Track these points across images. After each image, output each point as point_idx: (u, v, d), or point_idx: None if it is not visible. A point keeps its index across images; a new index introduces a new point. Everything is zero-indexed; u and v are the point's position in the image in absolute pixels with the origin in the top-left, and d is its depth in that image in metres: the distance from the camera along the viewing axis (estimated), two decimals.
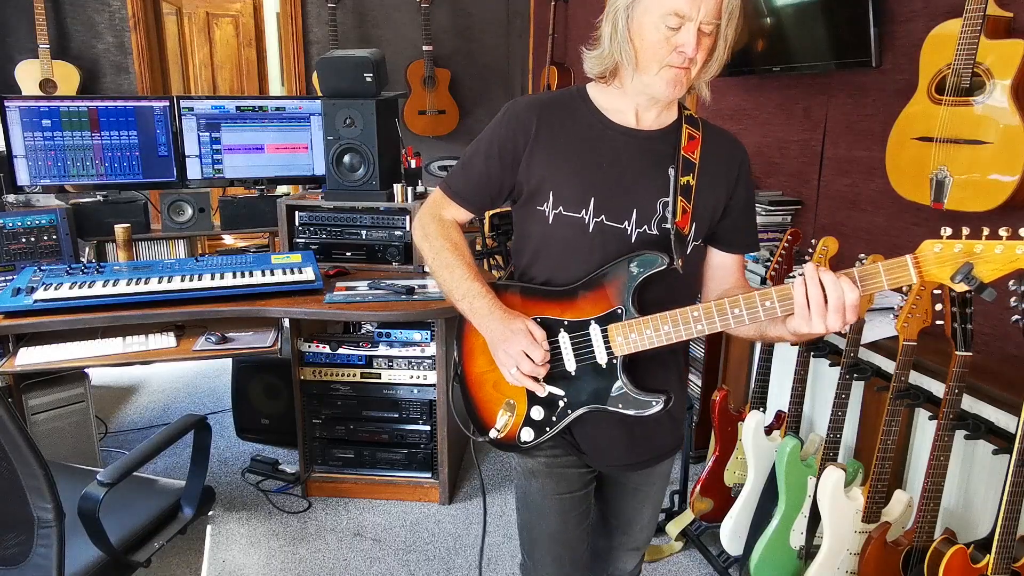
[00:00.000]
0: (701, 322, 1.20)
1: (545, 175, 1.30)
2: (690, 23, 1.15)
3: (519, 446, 1.37)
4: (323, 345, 2.59)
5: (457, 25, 5.17)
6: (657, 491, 1.54)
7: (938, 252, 1.01)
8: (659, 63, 1.19)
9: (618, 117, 1.31)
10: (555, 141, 1.31)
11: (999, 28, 1.76)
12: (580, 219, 1.29)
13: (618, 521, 1.56)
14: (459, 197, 1.41)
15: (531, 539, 1.50)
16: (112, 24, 4.57)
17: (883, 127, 2.08)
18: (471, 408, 1.44)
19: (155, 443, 1.65)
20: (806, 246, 2.07)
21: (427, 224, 1.43)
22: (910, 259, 1.04)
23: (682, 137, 1.31)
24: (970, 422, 1.67)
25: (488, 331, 1.32)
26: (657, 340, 1.23)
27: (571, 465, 1.42)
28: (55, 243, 2.75)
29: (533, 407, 1.34)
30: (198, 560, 2.38)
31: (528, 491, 1.46)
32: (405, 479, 2.71)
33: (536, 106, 1.33)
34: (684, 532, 2.47)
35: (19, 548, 1.44)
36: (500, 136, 1.33)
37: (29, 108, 2.81)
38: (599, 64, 1.28)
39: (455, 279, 1.36)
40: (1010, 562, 1.51)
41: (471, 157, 1.38)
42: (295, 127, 3.08)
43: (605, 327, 1.26)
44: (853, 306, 1.08)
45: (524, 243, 1.39)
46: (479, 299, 1.32)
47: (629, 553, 1.60)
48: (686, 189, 1.29)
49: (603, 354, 1.27)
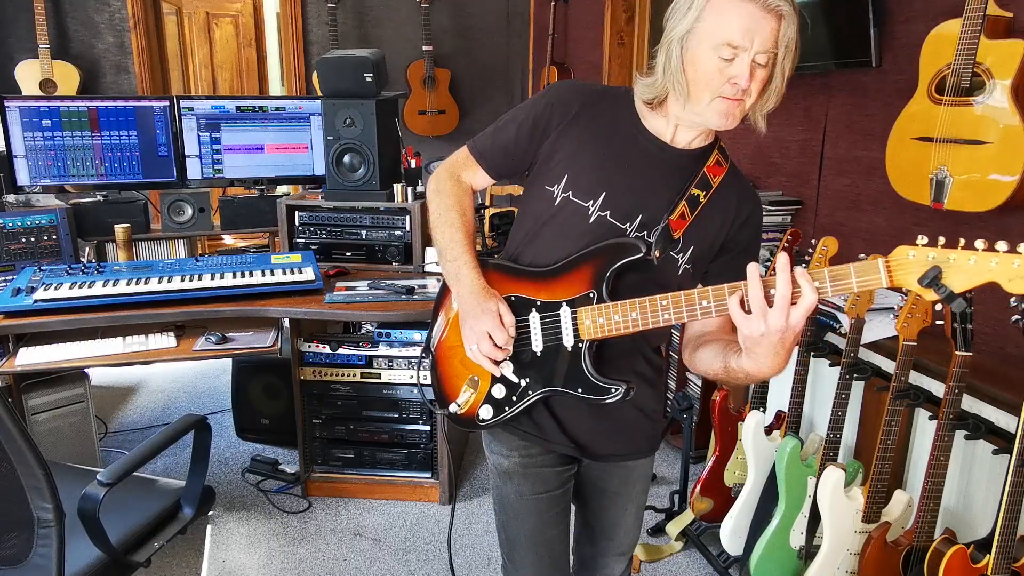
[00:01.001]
0: (668, 311, 1.18)
1: (566, 157, 1.32)
2: (744, 53, 1.13)
3: (477, 424, 1.38)
4: (323, 345, 2.59)
5: (457, 25, 5.16)
6: (638, 493, 1.54)
7: (912, 259, 1.00)
8: (711, 94, 1.18)
9: (655, 129, 1.32)
10: (588, 130, 1.32)
11: (999, 28, 1.76)
12: (585, 208, 1.29)
13: (601, 526, 1.55)
14: (482, 158, 1.42)
15: (509, 540, 1.50)
16: (112, 24, 4.57)
17: (883, 127, 2.08)
18: (436, 380, 1.46)
19: (155, 443, 1.65)
20: (806, 246, 2.08)
21: (443, 180, 1.44)
22: (882, 262, 1.02)
23: (710, 159, 1.32)
24: (970, 422, 1.67)
25: (463, 302, 1.34)
26: (623, 326, 1.22)
27: (546, 464, 1.43)
28: (55, 243, 2.75)
29: (495, 385, 1.35)
30: (198, 560, 2.38)
31: (504, 493, 1.46)
32: (405, 479, 2.71)
33: (583, 92, 1.34)
34: (684, 532, 2.47)
35: (19, 548, 1.44)
36: (539, 109, 1.35)
37: (29, 108, 2.81)
38: (650, 92, 1.27)
39: (452, 241, 1.38)
40: (1010, 562, 1.51)
41: (505, 123, 1.39)
42: (295, 127, 3.08)
43: (575, 310, 1.27)
44: (806, 307, 1.02)
45: (521, 222, 1.41)
46: (465, 268, 1.35)
47: (615, 558, 1.58)
48: (694, 200, 1.29)
49: (570, 337, 1.27)
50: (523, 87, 5.34)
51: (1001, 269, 0.95)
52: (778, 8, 1.12)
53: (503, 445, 1.43)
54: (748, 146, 2.93)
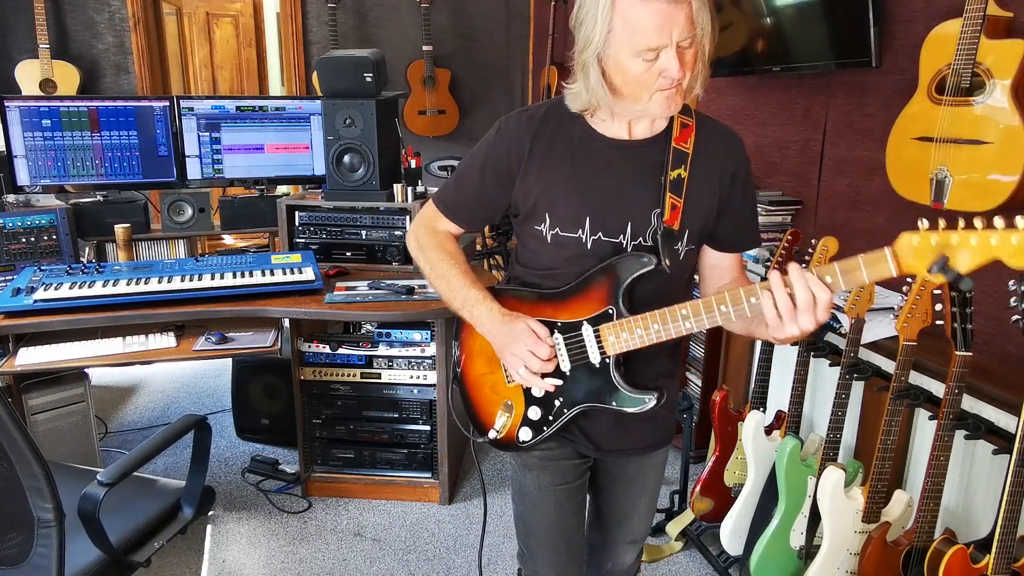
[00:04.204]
0: (689, 319, 1.20)
1: (539, 195, 1.31)
2: (666, 49, 1.13)
3: (518, 446, 1.39)
4: (323, 345, 2.59)
5: (457, 25, 5.16)
6: (653, 482, 1.55)
7: (916, 244, 1.02)
8: (648, 92, 1.18)
9: (609, 131, 1.30)
10: (548, 159, 1.30)
11: (999, 28, 1.75)
12: (578, 238, 1.30)
13: (615, 514, 1.57)
14: (451, 212, 1.42)
15: (527, 530, 1.52)
16: (112, 24, 4.57)
17: (883, 127, 2.07)
18: (470, 410, 1.46)
19: (155, 443, 1.65)
20: (806, 246, 2.07)
21: (421, 236, 1.45)
22: (888, 251, 1.04)
23: (673, 127, 1.29)
24: (970, 422, 1.67)
25: (492, 335, 1.33)
26: (648, 339, 1.24)
27: (565, 457, 1.44)
28: (55, 243, 2.75)
29: (530, 407, 1.36)
30: (198, 560, 2.38)
31: (523, 483, 1.48)
32: (405, 479, 2.71)
33: (529, 122, 1.33)
34: (684, 532, 2.47)
35: (19, 548, 1.44)
36: (495, 152, 1.34)
37: (29, 108, 2.81)
38: (578, 103, 1.27)
39: (453, 289, 1.38)
40: (1010, 562, 1.51)
41: (465, 171, 1.39)
42: (295, 127, 3.08)
43: (597, 327, 1.27)
44: (825, 306, 1.08)
45: (524, 255, 1.41)
46: (478, 306, 1.34)
47: (627, 546, 1.60)
48: (677, 184, 1.28)
49: (596, 354, 1.28)
50: (523, 87, 5.33)
51: (1001, 246, 0.96)
52: None
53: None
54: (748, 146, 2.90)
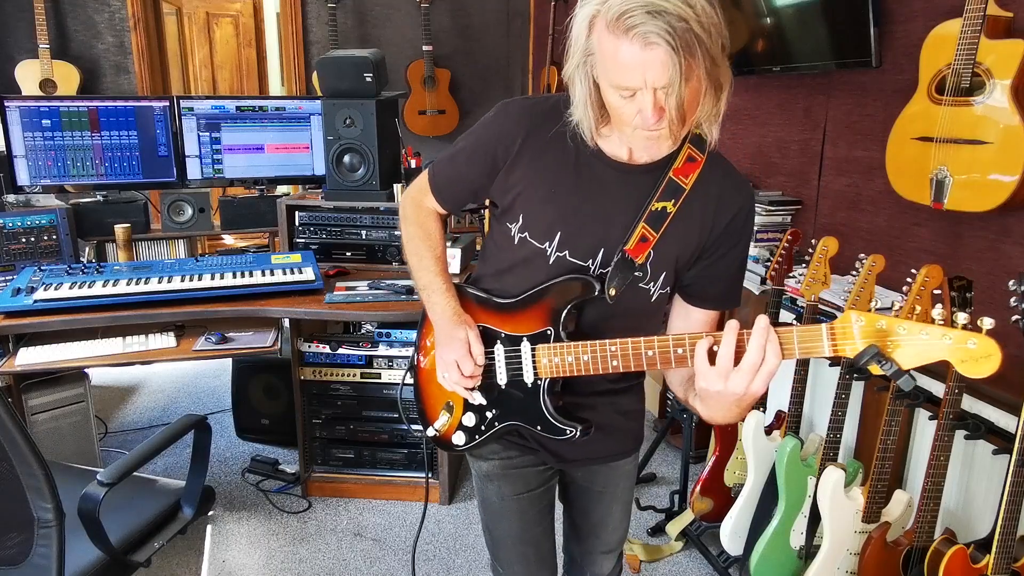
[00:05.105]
0: (617, 358, 1.14)
1: (519, 194, 1.25)
2: (641, 91, 1.02)
3: (453, 448, 1.38)
4: (323, 345, 2.59)
5: (457, 25, 5.16)
6: (623, 491, 1.53)
7: (861, 326, 0.93)
8: (630, 127, 1.09)
9: (610, 148, 1.21)
10: (536, 162, 1.23)
11: (999, 28, 1.75)
12: (542, 250, 1.23)
13: (588, 525, 1.55)
14: (436, 191, 1.38)
15: (494, 540, 1.51)
16: (112, 24, 4.57)
17: (883, 127, 2.07)
18: (419, 400, 1.47)
19: (155, 443, 1.65)
20: (806, 246, 2.07)
21: (407, 207, 1.44)
22: (825, 329, 0.96)
23: (678, 158, 1.19)
24: (970, 422, 1.67)
25: (437, 329, 1.34)
26: (577, 369, 1.19)
27: (527, 464, 1.42)
28: (55, 243, 2.75)
29: (467, 413, 1.35)
30: (198, 560, 2.38)
31: (485, 494, 1.46)
32: (405, 479, 2.71)
33: (528, 116, 1.24)
34: (684, 532, 2.47)
35: (19, 548, 1.44)
36: (485, 140, 1.28)
37: (29, 108, 2.80)
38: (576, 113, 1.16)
39: (420, 268, 1.38)
40: (1010, 562, 1.51)
41: (458, 153, 1.34)
42: (295, 127, 3.08)
43: (535, 347, 1.24)
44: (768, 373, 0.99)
45: (490, 247, 1.38)
46: (436, 294, 1.33)
47: (604, 556, 1.58)
48: (658, 216, 1.18)
49: (530, 373, 1.26)
50: (523, 87, 5.33)
51: (955, 348, 0.89)
52: (656, 42, 0.97)
53: (483, 448, 1.42)
54: (748, 146, 2.93)
